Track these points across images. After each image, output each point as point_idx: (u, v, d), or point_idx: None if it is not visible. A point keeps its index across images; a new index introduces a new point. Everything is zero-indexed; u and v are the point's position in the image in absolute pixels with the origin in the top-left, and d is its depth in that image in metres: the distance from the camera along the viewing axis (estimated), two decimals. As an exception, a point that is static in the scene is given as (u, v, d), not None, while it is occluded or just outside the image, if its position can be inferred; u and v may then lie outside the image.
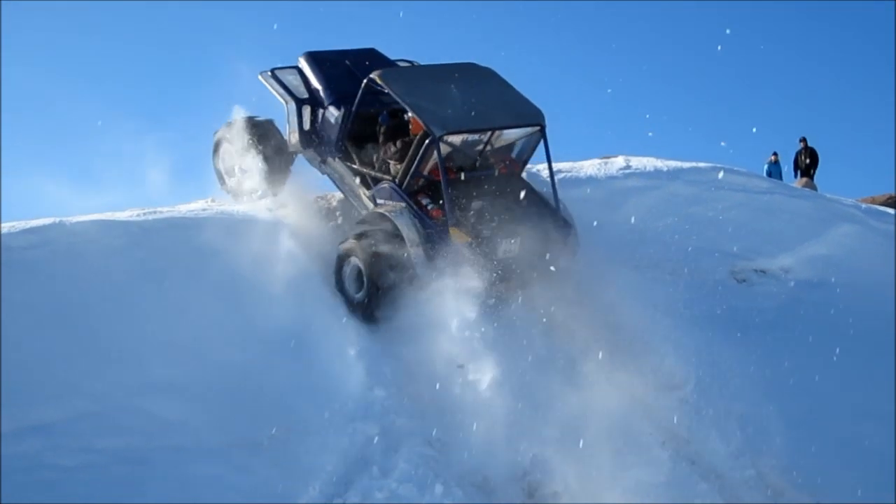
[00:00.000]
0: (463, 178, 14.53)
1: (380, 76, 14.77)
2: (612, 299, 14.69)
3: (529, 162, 15.67)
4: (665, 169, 18.74)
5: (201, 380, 12.11)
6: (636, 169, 18.61)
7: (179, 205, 15.97)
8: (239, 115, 16.69)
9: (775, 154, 28.57)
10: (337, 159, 15.75)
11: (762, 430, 13.19)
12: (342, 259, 14.53)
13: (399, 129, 15.42)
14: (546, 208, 15.04)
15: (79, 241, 13.14)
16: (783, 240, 17.67)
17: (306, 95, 16.18)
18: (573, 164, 18.65)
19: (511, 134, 14.86)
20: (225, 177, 16.97)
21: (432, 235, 13.97)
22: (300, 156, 16.54)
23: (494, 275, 13.95)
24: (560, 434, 12.50)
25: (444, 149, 14.15)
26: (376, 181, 15.00)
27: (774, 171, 28.05)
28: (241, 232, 14.25)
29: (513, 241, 14.23)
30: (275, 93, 16.33)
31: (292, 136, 16.15)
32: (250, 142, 16.23)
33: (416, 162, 14.32)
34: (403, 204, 14.30)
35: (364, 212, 15.18)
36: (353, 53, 16.82)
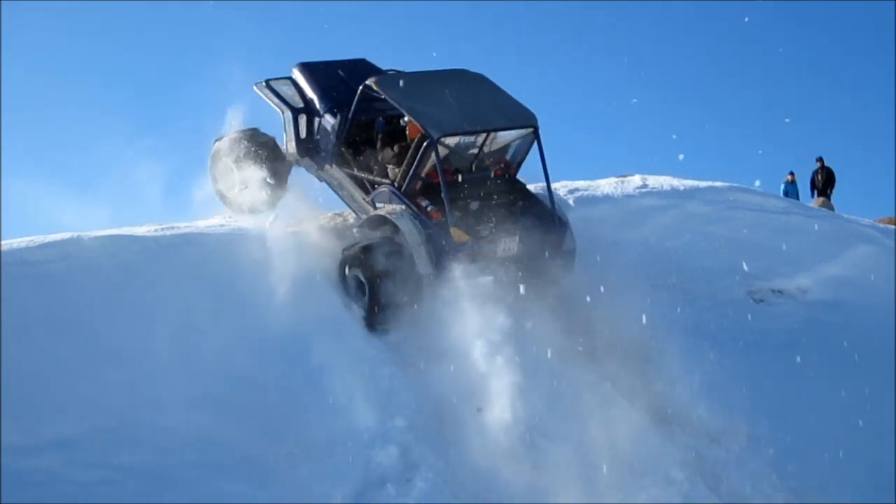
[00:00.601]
0: (460, 179, 14.68)
1: (376, 82, 14.96)
2: (629, 319, 14.65)
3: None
4: (682, 188, 18.74)
5: (217, 395, 12.10)
6: (653, 188, 18.62)
7: (196, 221, 15.99)
8: (231, 128, 16.73)
9: (792, 173, 28.52)
10: (335, 166, 15.84)
11: (781, 451, 13.16)
12: (344, 266, 14.61)
13: (395, 134, 15.66)
14: (542, 208, 15.22)
15: (96, 256, 13.13)
16: (800, 260, 17.62)
17: (301, 105, 16.29)
18: (590, 183, 18.66)
19: (505, 136, 15.03)
20: (222, 190, 16.89)
21: (433, 236, 14.14)
22: (295, 168, 16.65)
23: (495, 273, 14.03)
24: (575, 454, 12.48)
25: (441, 151, 14.30)
26: (375, 186, 15.15)
27: (791, 190, 27.98)
28: (258, 249, 14.23)
29: (511, 239, 14.48)
30: (270, 103, 16.45)
31: (289, 145, 16.28)
32: (247, 154, 16.22)
33: (414, 164, 14.50)
34: (403, 206, 14.45)
35: (363, 216, 15.27)
36: (345, 64, 16.97)
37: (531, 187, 15.68)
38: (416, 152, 14.48)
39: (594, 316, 14.43)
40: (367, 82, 15.04)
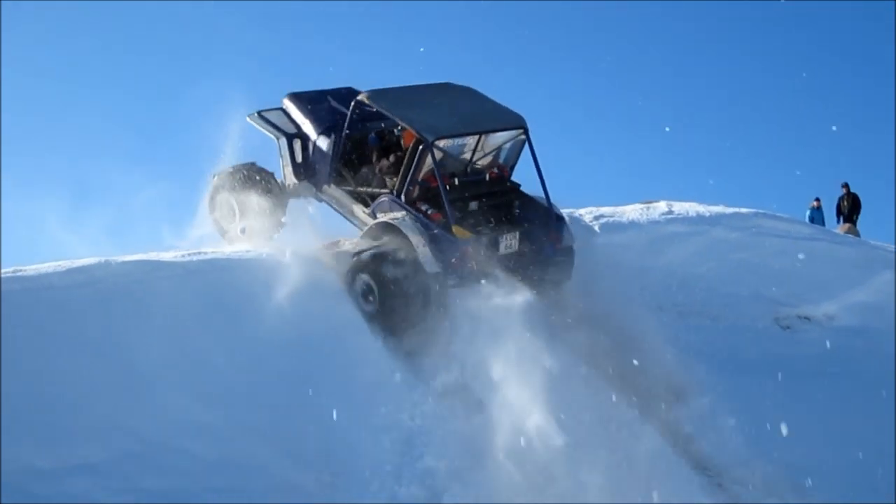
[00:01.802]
0: (457, 182, 14.95)
1: (367, 96, 15.31)
2: (654, 345, 14.64)
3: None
4: (707, 214, 18.73)
5: (245, 420, 12.10)
6: (678, 214, 18.62)
7: (223, 246, 16.06)
8: (228, 163, 16.96)
9: (818, 199, 28.41)
10: (333, 185, 16.10)
11: (808, 476, 13.11)
12: (354, 273, 14.77)
13: (390, 147, 15.95)
14: (539, 206, 15.41)
15: (124, 281, 13.16)
16: (827, 286, 17.57)
17: (295, 130, 16.56)
18: (615, 209, 18.67)
19: (496, 140, 15.36)
20: (219, 220, 17.09)
21: (437, 236, 14.31)
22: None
23: (499, 271, 14.23)
24: (603, 479, 12.46)
25: (437, 154, 14.53)
26: (374, 197, 15.33)
27: (817, 216, 27.87)
28: (284, 274, 14.26)
29: (512, 236, 14.86)
30: (264, 131, 16.70)
31: (286, 171, 16.58)
32: (245, 188, 16.48)
33: (411, 170, 14.74)
34: (404, 212, 14.65)
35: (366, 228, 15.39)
36: (333, 91, 17.26)
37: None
38: (412, 158, 14.74)
39: (620, 342, 14.43)
40: (359, 97, 15.43)
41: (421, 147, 14.55)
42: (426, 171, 14.76)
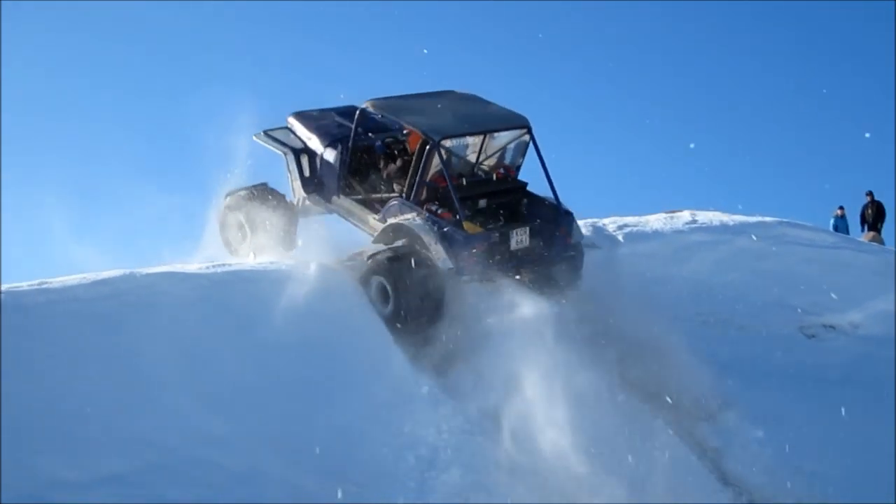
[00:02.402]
0: (464, 182, 15.13)
1: (372, 104, 15.59)
2: (679, 356, 14.63)
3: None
4: (731, 223, 18.70)
5: (268, 432, 12.10)
6: (702, 223, 18.58)
7: (246, 258, 16.10)
8: (239, 184, 17.14)
9: (841, 208, 28.32)
10: (342, 196, 16.28)
11: (833, 487, 13.06)
12: (369, 274, 14.93)
13: (395, 154, 16.28)
14: (546, 203, 15.58)
15: (150, 293, 13.20)
16: (851, 295, 17.50)
17: (301, 146, 16.77)
18: (639, 219, 18.65)
19: (501, 140, 15.62)
20: (230, 239, 17.30)
21: (448, 233, 14.45)
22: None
23: (511, 267, 14.80)
24: (628, 492, 12.45)
25: (443, 154, 14.74)
26: (383, 204, 15.48)
27: (841, 225, 27.78)
28: (309, 285, 14.29)
29: (522, 231, 15.15)
30: (271, 147, 16.96)
31: (295, 185, 16.82)
32: (257, 210, 16.63)
33: (419, 172, 14.90)
34: (414, 213, 14.78)
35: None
36: (336, 108, 17.53)
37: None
38: (419, 160, 14.92)
39: (644, 353, 14.41)
40: (364, 105, 15.67)
41: (428, 147, 14.74)
42: (434, 171, 14.95)
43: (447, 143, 14.84)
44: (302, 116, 17.18)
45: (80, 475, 10.74)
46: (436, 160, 14.77)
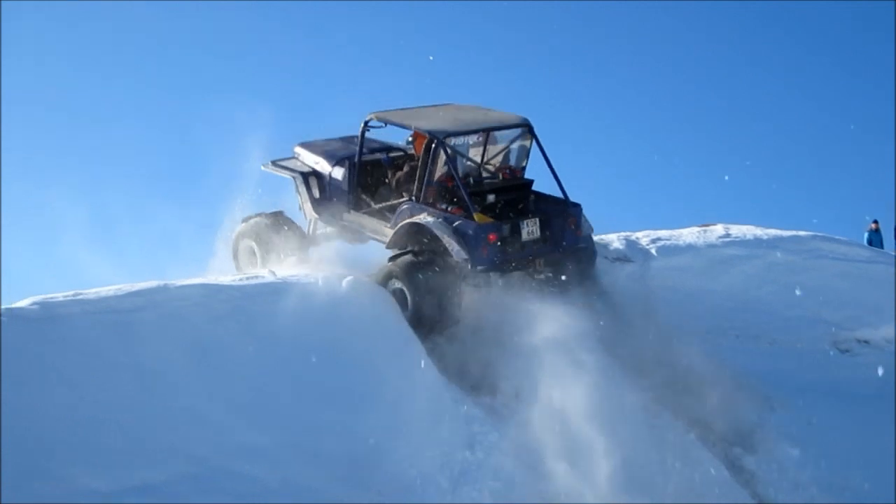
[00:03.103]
0: (471, 182, 15.56)
1: (376, 115, 16.12)
2: (712, 370, 14.60)
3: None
4: (765, 237, 18.61)
5: (299, 443, 12.14)
6: (736, 237, 18.52)
7: (280, 270, 16.15)
8: (253, 210, 17.78)
9: (875, 222, 28.14)
10: (352, 211, 16.61)
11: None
12: (385, 280, 15.16)
13: (402, 165, 16.65)
14: (553, 198, 15.99)
15: (184, 304, 13.27)
16: (886, 309, 17.37)
17: (310, 169, 17.19)
18: (672, 232, 18.61)
19: (503, 138, 15.99)
20: (241, 265, 17.75)
21: (460, 225, 14.72)
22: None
23: (521, 263, 15.23)
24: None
25: (449, 153, 15.11)
26: (394, 211, 15.71)
27: (875, 239, 27.61)
28: (342, 297, 14.33)
29: (532, 222, 15.48)
30: (280, 173, 17.59)
31: (305, 206, 17.24)
32: (270, 238, 17.18)
33: (426, 172, 15.26)
34: (426, 212, 15.05)
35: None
36: (340, 137, 17.97)
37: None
38: (425, 160, 15.24)
39: (679, 368, 14.38)
40: (368, 116, 16.10)
41: (433, 146, 15.06)
42: (441, 171, 15.32)
43: (451, 140, 15.13)
44: (308, 145, 17.66)
45: (110, 485, 10.79)
46: (442, 158, 15.13)
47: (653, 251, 17.51)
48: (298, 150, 17.69)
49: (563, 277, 15.30)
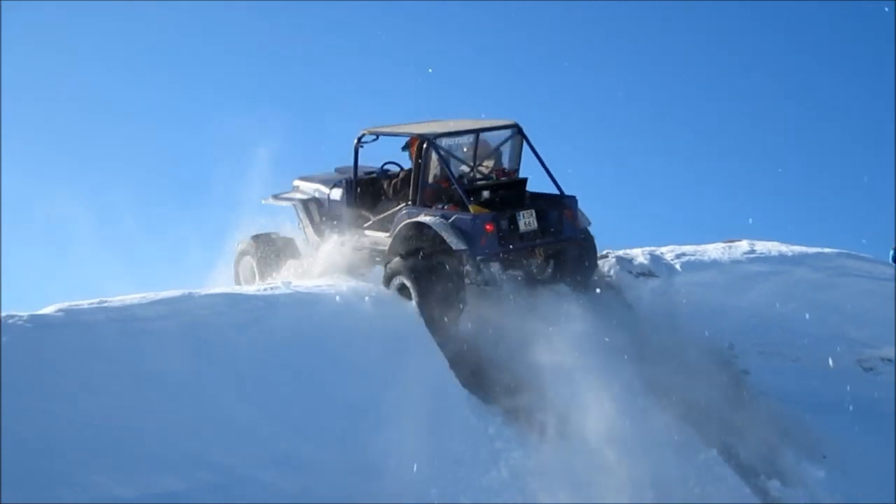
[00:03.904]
0: (465, 182, 15.84)
1: (369, 130, 16.67)
2: (734, 386, 14.58)
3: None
4: (790, 254, 18.57)
5: (322, 454, 12.14)
6: (761, 253, 18.48)
7: (305, 280, 16.20)
8: (252, 231, 18.45)
9: (901, 240, 28.01)
10: (353, 227, 16.87)
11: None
12: (388, 280, 15.39)
13: (397, 177, 17.04)
14: (547, 194, 16.28)
15: (208, 313, 13.32)
16: (910, 328, 17.35)
17: (309, 195, 17.77)
18: (697, 248, 18.58)
19: (493, 140, 16.38)
20: (241, 281, 18.40)
21: (457, 219, 15.02)
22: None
23: (521, 253, 15.60)
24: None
25: (441, 153, 15.60)
26: (393, 219, 16.00)
27: (900, 257, 27.48)
28: (364, 309, 14.36)
29: (529, 214, 15.63)
30: (281, 202, 18.33)
31: (307, 231, 17.72)
32: (269, 251, 17.88)
33: (420, 174, 15.73)
34: (423, 212, 15.40)
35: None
36: (336, 169, 18.29)
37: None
38: (418, 163, 15.61)
39: (701, 382, 14.35)
40: (361, 132, 16.59)
41: (425, 147, 15.45)
42: (435, 172, 15.71)
43: (442, 141, 15.52)
44: (306, 177, 18.30)
45: (133, 492, 10.79)
46: (434, 159, 15.52)
47: (677, 266, 17.50)
48: (297, 182, 18.35)
49: (567, 276, 15.94)
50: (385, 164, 17.55)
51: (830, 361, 16.15)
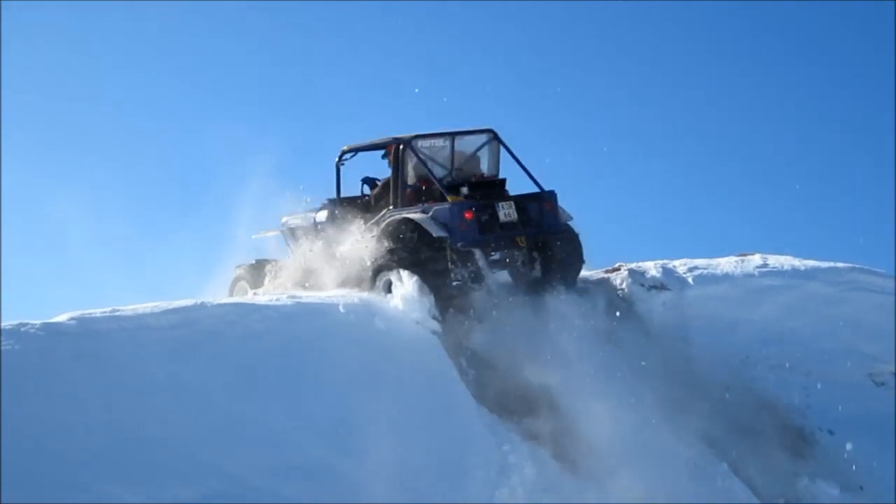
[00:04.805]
0: (445, 183, 16.23)
1: (347, 147, 17.32)
2: (746, 400, 14.58)
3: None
4: (802, 268, 18.54)
5: (332, 465, 12.12)
6: (773, 267, 18.46)
7: (318, 290, 16.25)
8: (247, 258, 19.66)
9: (914, 255, 28.05)
10: (340, 245, 17.14)
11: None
12: (374, 278, 15.83)
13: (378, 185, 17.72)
14: (528, 193, 16.66)
15: (220, 322, 13.35)
16: (922, 343, 17.32)
17: (296, 224, 18.77)
18: (709, 261, 18.58)
19: (470, 145, 16.94)
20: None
21: (437, 210, 15.54)
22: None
23: (502, 241, 15.91)
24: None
25: (418, 154, 16.19)
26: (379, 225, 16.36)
27: (913, 272, 27.47)
28: (376, 321, 14.38)
29: (508, 205, 16.09)
30: (270, 234, 19.58)
31: (296, 255, 18.24)
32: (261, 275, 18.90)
33: (399, 176, 16.32)
34: (405, 211, 15.99)
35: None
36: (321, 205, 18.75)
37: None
38: (397, 167, 16.18)
39: (713, 396, 14.37)
40: (341, 150, 17.32)
41: (402, 149, 16.06)
42: (413, 173, 16.29)
43: (418, 143, 16.17)
44: (291, 213, 18.99)
45: (143, 500, 10.75)
46: (412, 160, 16.11)
47: (690, 280, 17.50)
48: (284, 218, 19.09)
49: (558, 277, 16.22)
50: (363, 179, 18.00)
51: (842, 376, 16.15)
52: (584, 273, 17.85)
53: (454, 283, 15.43)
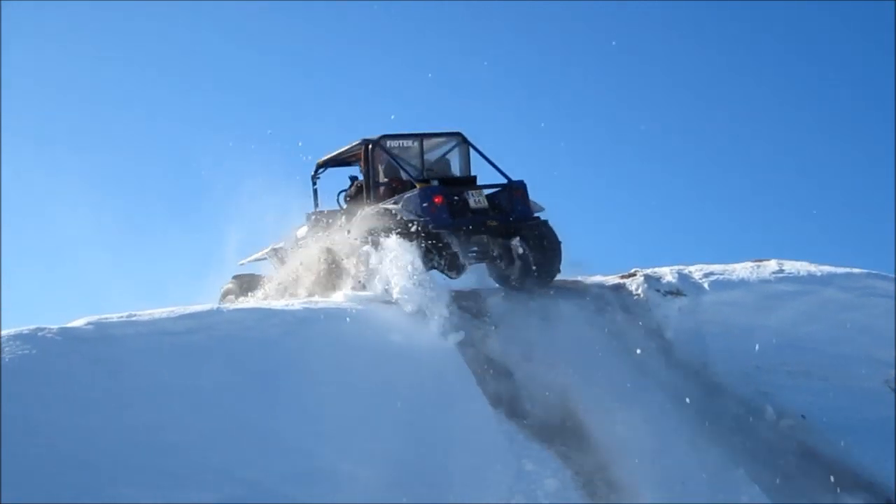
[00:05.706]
0: (416, 183, 16.64)
1: (320, 161, 18.27)
2: (762, 406, 14.57)
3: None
4: (819, 274, 18.51)
5: (349, 471, 12.14)
6: (789, 273, 18.43)
7: (334, 295, 16.27)
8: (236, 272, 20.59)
9: (930, 260, 28.01)
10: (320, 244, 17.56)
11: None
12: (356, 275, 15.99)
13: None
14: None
15: (236, 327, 13.39)
16: (938, 349, 17.28)
17: (280, 245, 19.53)
18: (725, 267, 18.57)
19: (439, 147, 17.61)
20: None
21: (408, 198, 16.11)
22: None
23: (472, 226, 16.38)
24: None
25: (388, 152, 16.96)
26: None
27: (929, 277, 27.38)
28: (393, 327, 14.40)
29: (479, 194, 16.67)
30: (255, 258, 20.42)
31: (281, 271, 18.64)
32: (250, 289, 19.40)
33: (370, 176, 16.97)
34: (379, 206, 16.51)
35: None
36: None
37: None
38: (367, 168, 16.79)
39: (727, 403, 14.36)
40: (317, 162, 18.28)
41: (371, 148, 16.64)
42: (383, 171, 16.91)
43: (387, 143, 16.88)
44: (276, 242, 19.70)
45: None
46: (381, 157, 16.77)
47: (705, 285, 17.49)
48: (270, 247, 19.77)
49: (538, 273, 16.43)
50: (339, 193, 18.38)
51: (858, 382, 16.11)
52: (599, 278, 17.89)
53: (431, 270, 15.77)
